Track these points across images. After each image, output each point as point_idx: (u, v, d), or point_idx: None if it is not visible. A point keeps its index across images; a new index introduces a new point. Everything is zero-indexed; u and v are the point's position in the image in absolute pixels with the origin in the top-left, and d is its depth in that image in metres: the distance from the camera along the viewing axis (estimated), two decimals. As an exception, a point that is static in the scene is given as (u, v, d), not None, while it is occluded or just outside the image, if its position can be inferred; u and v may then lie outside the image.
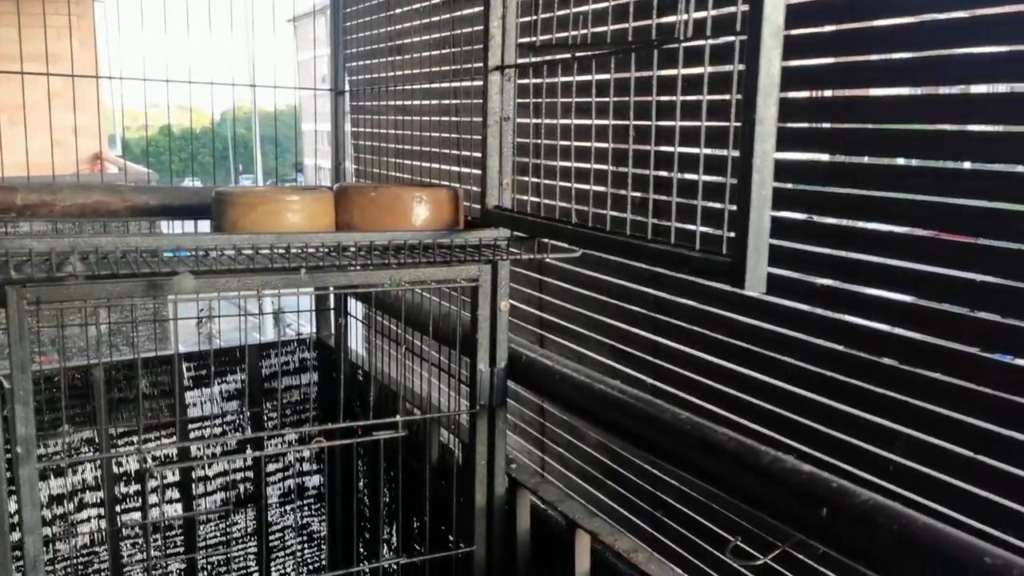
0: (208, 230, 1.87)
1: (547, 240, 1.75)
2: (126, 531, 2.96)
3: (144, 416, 2.95)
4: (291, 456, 3.22)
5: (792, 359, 1.57)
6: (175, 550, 3.09)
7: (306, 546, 3.35)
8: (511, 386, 2.01)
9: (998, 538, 1.21)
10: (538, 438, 2.49)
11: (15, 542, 1.61)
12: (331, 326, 3.18)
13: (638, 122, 1.49)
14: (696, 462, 1.47)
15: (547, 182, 1.71)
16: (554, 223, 1.60)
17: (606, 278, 2.09)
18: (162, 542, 3.05)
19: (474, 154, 2.39)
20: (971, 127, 1.33)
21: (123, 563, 2.97)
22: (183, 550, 3.10)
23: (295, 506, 3.29)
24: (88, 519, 2.89)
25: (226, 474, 3.12)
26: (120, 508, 2.93)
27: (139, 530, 2.96)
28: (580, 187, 1.76)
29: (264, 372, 3.17)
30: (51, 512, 2.81)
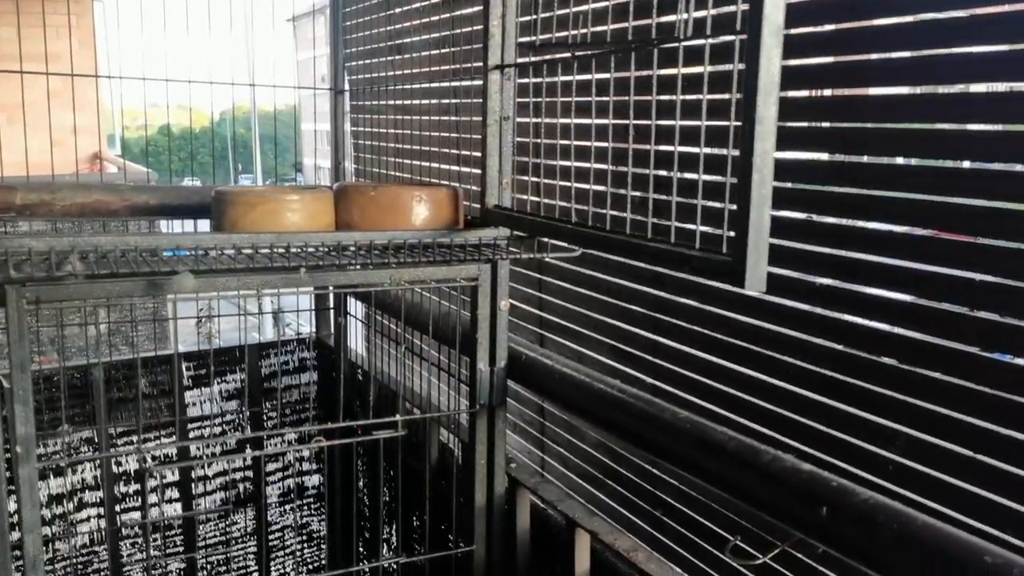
0: (208, 229, 1.87)
1: (547, 239, 1.75)
2: (126, 531, 2.96)
3: (144, 416, 2.95)
4: (291, 456, 3.22)
5: (792, 358, 1.57)
6: (175, 550, 3.09)
7: (306, 546, 3.35)
8: (511, 385, 2.00)
9: (998, 538, 1.21)
10: (538, 437, 2.49)
11: (15, 541, 1.61)
12: (331, 326, 3.18)
13: (638, 121, 1.49)
14: (696, 461, 1.47)
15: (547, 181, 1.71)
16: (554, 222, 1.60)
17: (606, 277, 2.09)
18: (162, 542, 3.05)
19: (474, 153, 2.39)
20: (970, 126, 1.33)
21: (123, 563, 2.97)
22: (183, 550, 3.10)
23: (295, 505, 3.28)
24: (88, 519, 2.89)
25: (226, 474, 3.12)
26: (120, 508, 2.93)
27: (139, 530, 2.96)
28: (580, 186, 1.76)
29: (264, 372, 3.17)
30: (51, 512, 2.81)
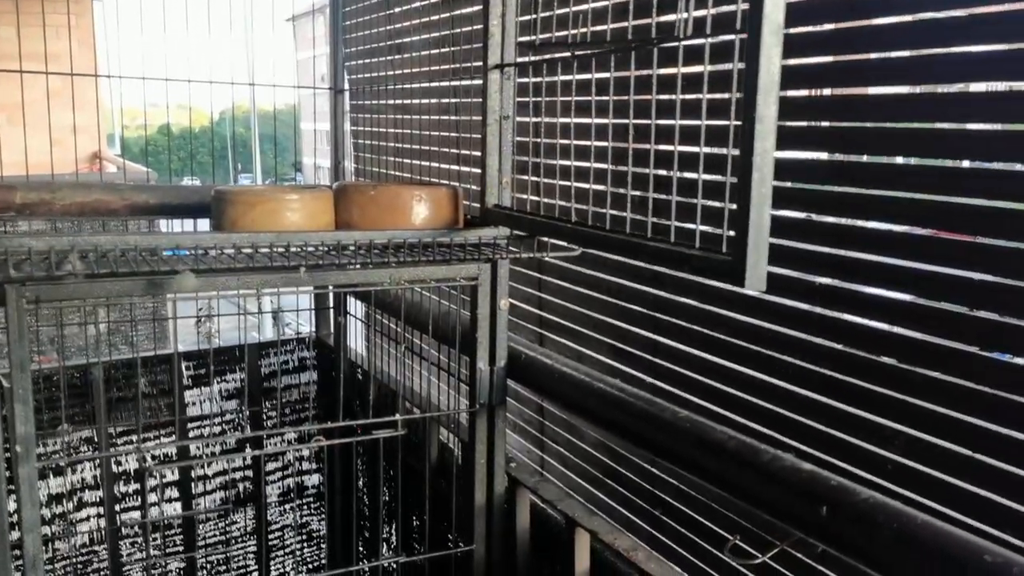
0: (207, 229, 1.87)
1: (547, 239, 1.75)
2: (125, 530, 2.96)
3: (143, 415, 2.95)
4: (290, 455, 3.22)
5: (791, 358, 1.57)
6: (174, 549, 3.09)
7: (305, 545, 3.35)
8: (510, 385, 2.01)
9: (996, 537, 1.21)
10: (537, 437, 2.49)
11: (14, 541, 1.61)
12: (330, 325, 3.18)
13: (638, 121, 1.49)
14: (696, 460, 1.47)
15: (547, 181, 1.71)
16: (554, 221, 1.60)
17: (605, 277, 2.09)
18: (161, 541, 3.05)
19: (474, 153, 2.39)
20: (970, 125, 1.33)
21: (122, 562, 2.97)
22: (182, 549, 3.10)
23: (294, 505, 3.29)
24: (87, 518, 2.89)
25: (225, 473, 3.12)
26: (119, 507, 2.93)
27: (138, 529, 2.96)
28: (580, 186, 1.76)
29: (263, 371, 3.17)
30: (50, 511, 2.81)
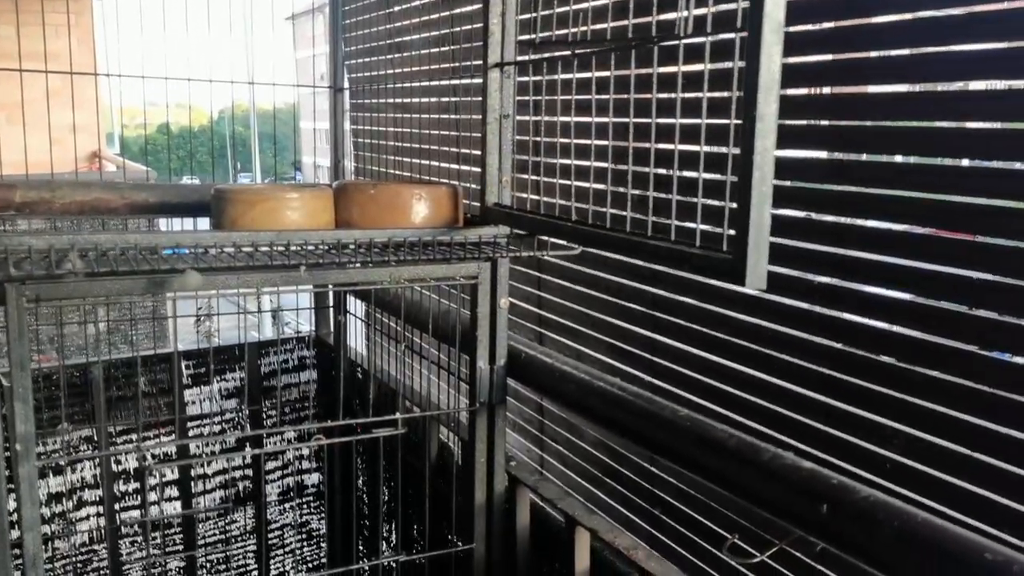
0: (207, 228, 1.87)
1: (547, 237, 1.75)
2: (125, 529, 2.96)
3: (143, 414, 2.95)
4: (290, 454, 3.22)
5: (790, 357, 1.57)
6: (174, 548, 3.09)
7: (305, 544, 3.35)
8: (510, 384, 2.00)
9: (995, 536, 1.21)
10: (537, 436, 2.49)
11: (14, 540, 1.60)
12: (330, 324, 3.18)
13: (638, 119, 1.49)
14: (696, 459, 1.47)
15: (547, 180, 1.71)
16: (554, 220, 1.60)
17: (605, 276, 2.09)
18: (161, 540, 3.05)
19: (474, 151, 2.39)
20: (969, 124, 1.33)
21: (122, 561, 2.97)
22: (182, 548, 3.10)
23: (294, 504, 3.29)
24: (87, 517, 2.89)
25: (225, 472, 3.12)
26: (119, 506, 2.93)
27: (138, 528, 2.96)
28: (580, 184, 1.76)
29: (263, 370, 3.17)
30: (50, 510, 2.81)
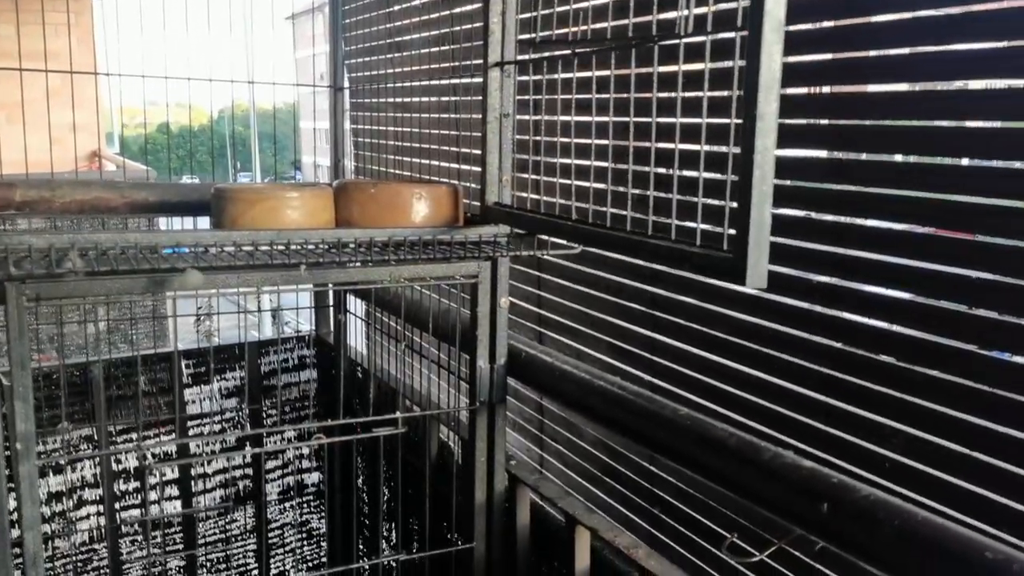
0: (207, 227, 1.87)
1: (547, 237, 1.75)
2: (125, 528, 2.96)
3: (143, 413, 2.95)
4: (290, 453, 3.22)
5: (789, 356, 1.57)
6: (174, 547, 3.09)
7: (305, 543, 3.35)
8: (509, 383, 2.00)
9: (995, 536, 1.21)
10: (537, 435, 2.49)
11: (14, 539, 1.60)
12: (330, 323, 3.18)
13: (638, 119, 1.49)
14: (696, 458, 1.47)
15: (547, 179, 1.71)
16: (554, 219, 1.60)
17: (605, 275, 2.09)
18: (161, 539, 3.05)
19: (474, 151, 2.39)
20: (969, 123, 1.33)
21: (122, 560, 2.97)
22: (182, 547, 3.10)
23: (294, 503, 3.29)
24: (87, 516, 2.89)
25: (225, 471, 3.12)
26: (119, 505, 2.93)
27: (138, 527, 2.96)
28: (580, 184, 1.76)
29: (263, 369, 3.17)
30: (50, 509, 2.81)
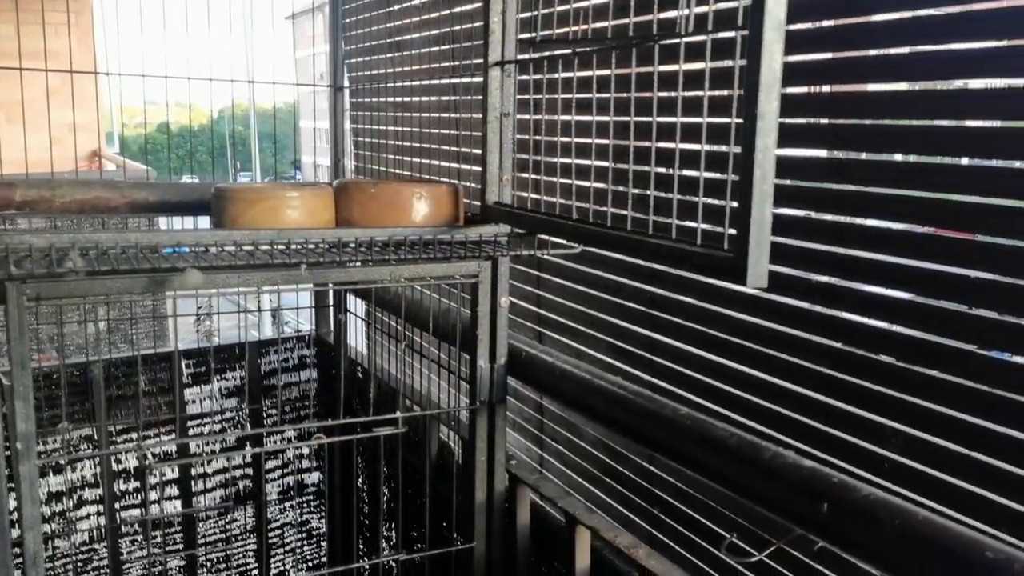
0: (207, 226, 1.87)
1: (547, 236, 1.75)
2: (125, 528, 2.96)
3: (143, 413, 2.95)
4: (290, 453, 3.22)
5: (789, 356, 1.57)
6: (174, 547, 3.09)
7: (305, 543, 3.35)
8: (509, 383, 2.00)
9: (993, 536, 1.21)
10: (536, 435, 2.49)
11: (15, 539, 1.60)
12: (331, 323, 3.18)
13: (639, 118, 1.49)
14: (697, 458, 1.47)
15: (547, 178, 1.71)
16: (554, 219, 1.60)
17: (604, 275, 2.09)
18: (161, 539, 3.05)
19: (474, 150, 2.39)
20: (969, 123, 1.33)
21: (122, 560, 2.97)
22: (183, 547, 3.10)
23: (294, 503, 3.29)
24: (87, 516, 2.89)
25: (225, 471, 3.12)
26: (119, 505, 2.93)
27: (138, 527, 2.96)
28: (580, 183, 1.76)
29: (263, 369, 3.17)
30: (50, 509, 2.81)
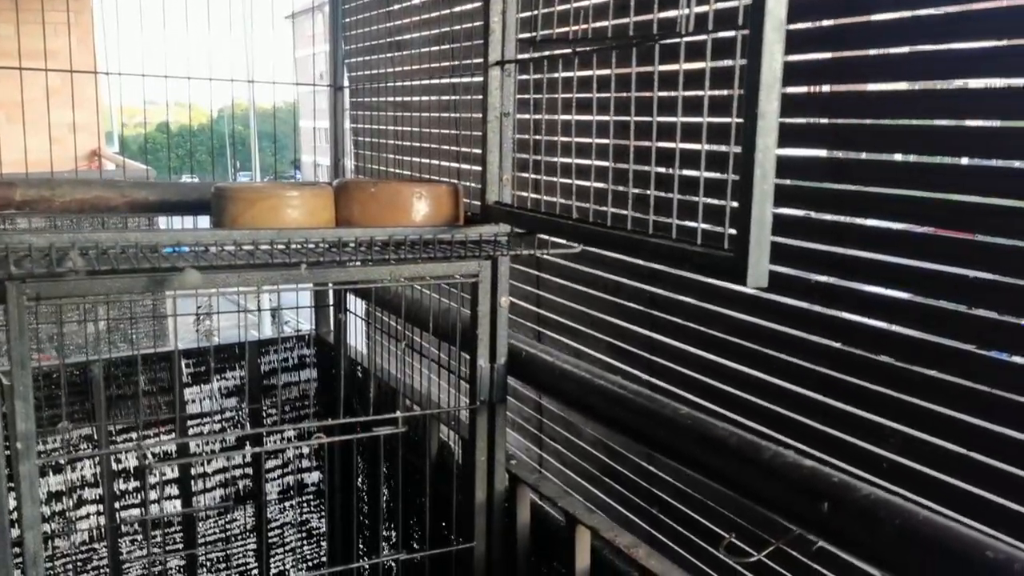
0: (207, 226, 1.86)
1: (547, 236, 1.75)
2: (125, 527, 2.96)
3: (143, 413, 2.95)
4: (290, 452, 3.22)
5: (788, 356, 1.57)
6: (175, 546, 3.09)
7: (305, 542, 3.35)
8: (509, 382, 2.00)
9: (992, 536, 1.21)
10: (536, 435, 2.49)
11: (15, 538, 1.60)
12: (330, 323, 3.18)
13: (639, 118, 1.49)
14: (697, 457, 1.47)
15: (547, 178, 1.71)
16: (554, 219, 1.60)
17: (603, 274, 2.09)
18: (161, 538, 3.05)
19: (474, 150, 2.39)
20: (968, 122, 1.33)
21: (122, 559, 2.97)
22: (182, 546, 3.10)
23: (294, 502, 3.29)
24: (87, 515, 2.89)
25: (225, 471, 3.12)
26: (119, 504, 2.93)
27: (138, 526, 2.96)
28: (580, 183, 1.76)
29: (263, 369, 3.17)
30: (50, 508, 2.81)
